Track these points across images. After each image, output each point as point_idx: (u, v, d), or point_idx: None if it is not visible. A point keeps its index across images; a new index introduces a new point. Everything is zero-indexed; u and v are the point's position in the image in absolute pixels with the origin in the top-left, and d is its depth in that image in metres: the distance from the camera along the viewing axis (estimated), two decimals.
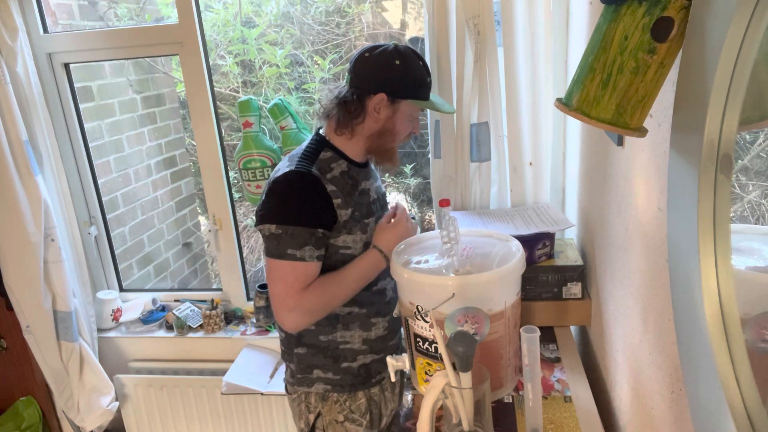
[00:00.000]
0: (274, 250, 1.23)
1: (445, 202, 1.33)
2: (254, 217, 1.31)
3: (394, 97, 1.27)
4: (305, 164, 1.27)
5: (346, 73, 1.32)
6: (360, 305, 1.35)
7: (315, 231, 1.23)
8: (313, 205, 1.24)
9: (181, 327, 2.12)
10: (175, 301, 2.25)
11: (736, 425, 0.53)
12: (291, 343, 1.39)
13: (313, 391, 1.39)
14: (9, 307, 1.97)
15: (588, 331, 1.48)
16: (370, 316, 1.38)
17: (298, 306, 1.23)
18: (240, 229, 2.19)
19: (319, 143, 1.33)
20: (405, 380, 1.55)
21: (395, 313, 1.42)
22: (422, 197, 3.03)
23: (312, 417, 1.40)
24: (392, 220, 1.35)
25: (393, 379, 1.18)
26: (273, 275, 1.24)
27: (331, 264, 1.31)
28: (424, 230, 2.02)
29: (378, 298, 1.39)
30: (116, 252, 2.31)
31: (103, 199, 2.23)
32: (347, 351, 1.37)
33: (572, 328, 1.50)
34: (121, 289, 2.32)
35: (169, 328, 2.17)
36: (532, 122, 1.61)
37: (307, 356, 1.38)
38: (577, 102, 0.70)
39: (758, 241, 0.60)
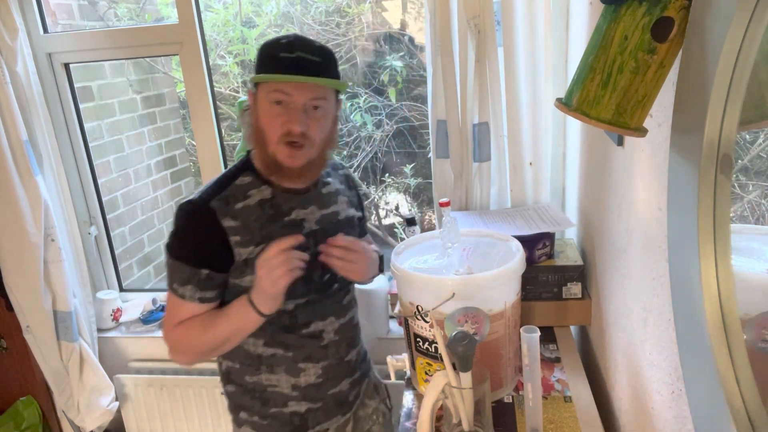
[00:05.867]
0: (167, 278, 1.15)
1: (445, 203, 1.34)
2: None
3: (253, 82, 1.13)
4: (208, 192, 1.14)
5: None
6: (285, 348, 1.19)
7: (198, 271, 1.11)
8: (199, 243, 1.12)
9: None
10: None
11: (736, 425, 0.53)
12: (222, 379, 1.28)
13: None
14: (9, 307, 1.97)
15: (588, 331, 1.48)
16: (298, 361, 1.21)
17: (169, 341, 1.15)
18: None
19: (242, 166, 1.19)
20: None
21: (395, 312, 1.42)
22: (422, 197, 3.03)
23: None
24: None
25: (393, 379, 1.18)
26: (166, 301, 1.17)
27: None
28: (424, 230, 2.02)
29: (309, 341, 1.21)
30: (116, 252, 2.31)
31: (103, 199, 2.23)
32: (276, 395, 1.22)
33: (572, 328, 1.50)
34: (121, 289, 2.32)
35: None
36: (532, 122, 1.61)
37: (236, 395, 1.25)
38: (577, 102, 0.70)
39: (758, 241, 0.60)
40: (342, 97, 1.23)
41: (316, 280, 1.20)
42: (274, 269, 1.06)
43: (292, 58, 1.08)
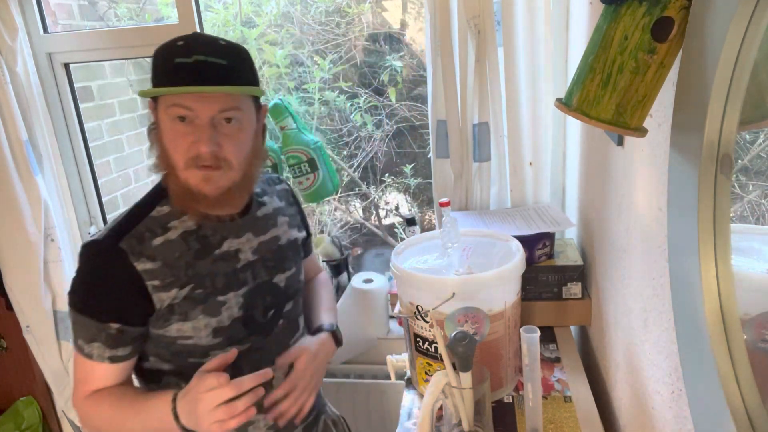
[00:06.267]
0: (71, 333, 0.98)
1: (445, 203, 1.34)
2: None
3: (144, 96, 0.94)
4: (117, 229, 0.96)
5: None
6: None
7: (105, 326, 0.94)
8: (106, 292, 0.94)
9: None
10: None
11: (736, 425, 0.53)
12: None
13: None
14: (9, 307, 1.97)
15: (588, 331, 1.48)
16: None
17: (77, 410, 1.00)
18: None
19: (158, 193, 1.01)
20: None
21: (395, 312, 1.41)
22: (422, 197, 3.03)
23: None
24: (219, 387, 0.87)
25: (393, 379, 1.17)
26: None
27: (172, 355, 1.01)
28: (424, 230, 2.02)
29: (258, 390, 1.02)
30: None
31: (103, 199, 2.23)
32: None
33: (572, 328, 1.50)
34: None
35: None
36: (532, 122, 1.61)
37: None
38: (577, 102, 0.70)
39: (758, 241, 0.60)
40: (266, 102, 1.06)
41: (258, 321, 1.05)
42: (217, 412, 0.86)
43: (188, 64, 0.89)
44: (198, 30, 1.86)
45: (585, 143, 1.44)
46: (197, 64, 0.89)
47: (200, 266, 0.99)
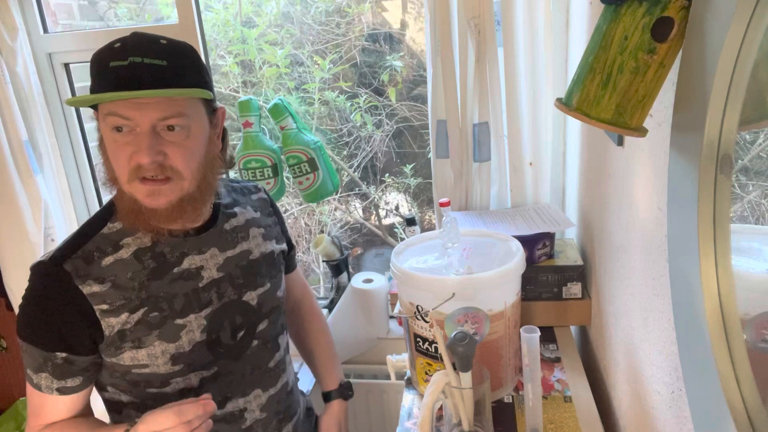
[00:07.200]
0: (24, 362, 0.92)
1: (445, 203, 1.34)
2: None
3: (72, 105, 0.86)
4: (63, 249, 0.89)
5: None
6: None
7: (51, 356, 0.88)
8: (50, 319, 0.87)
9: None
10: None
11: (736, 425, 0.53)
12: None
13: None
14: (9, 307, 1.97)
15: (588, 331, 1.48)
16: None
17: None
18: None
19: (110, 209, 0.94)
20: None
21: (395, 312, 1.41)
22: (422, 197, 3.03)
23: None
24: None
25: (393, 379, 1.17)
26: None
27: (129, 386, 0.94)
28: (424, 230, 2.02)
29: (225, 426, 0.98)
30: None
31: (103, 200, 2.23)
32: None
33: (572, 328, 1.50)
34: None
35: None
36: (532, 122, 1.61)
37: None
38: (577, 102, 0.70)
39: (758, 241, 0.60)
40: (220, 104, 0.96)
41: (226, 343, 0.96)
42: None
43: (123, 68, 0.81)
44: (198, 30, 1.86)
45: (585, 143, 1.44)
46: (132, 67, 0.81)
47: (155, 287, 0.91)
